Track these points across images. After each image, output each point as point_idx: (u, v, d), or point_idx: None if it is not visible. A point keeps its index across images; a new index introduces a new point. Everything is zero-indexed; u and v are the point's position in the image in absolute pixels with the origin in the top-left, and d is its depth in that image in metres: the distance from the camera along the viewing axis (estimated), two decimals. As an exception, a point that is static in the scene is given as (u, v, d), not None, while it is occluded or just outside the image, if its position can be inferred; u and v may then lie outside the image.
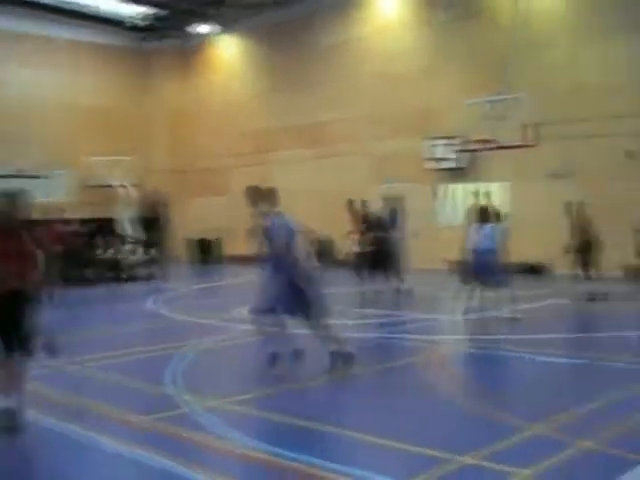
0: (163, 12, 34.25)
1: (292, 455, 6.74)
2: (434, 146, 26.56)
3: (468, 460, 6.57)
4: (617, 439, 7.09)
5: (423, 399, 9.09)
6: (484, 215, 15.12)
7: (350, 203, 20.69)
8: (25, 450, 7.44)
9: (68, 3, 33.24)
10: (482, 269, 14.45)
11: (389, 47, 29.10)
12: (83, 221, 32.43)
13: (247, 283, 25.03)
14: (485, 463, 6.48)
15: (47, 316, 8.12)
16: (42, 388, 9.67)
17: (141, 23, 35.27)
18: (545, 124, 22.09)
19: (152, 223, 32.38)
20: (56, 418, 8.20)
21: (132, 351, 12.70)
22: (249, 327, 14.23)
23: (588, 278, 17.69)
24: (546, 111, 22.81)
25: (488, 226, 14.88)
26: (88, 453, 7.18)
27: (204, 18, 34.54)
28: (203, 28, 35.45)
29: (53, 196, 31.94)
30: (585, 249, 17.65)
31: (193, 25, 35.39)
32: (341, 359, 10.45)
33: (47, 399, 9.20)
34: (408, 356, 11.45)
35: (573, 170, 23.38)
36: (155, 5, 33.64)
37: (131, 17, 34.89)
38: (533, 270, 24.25)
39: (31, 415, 8.28)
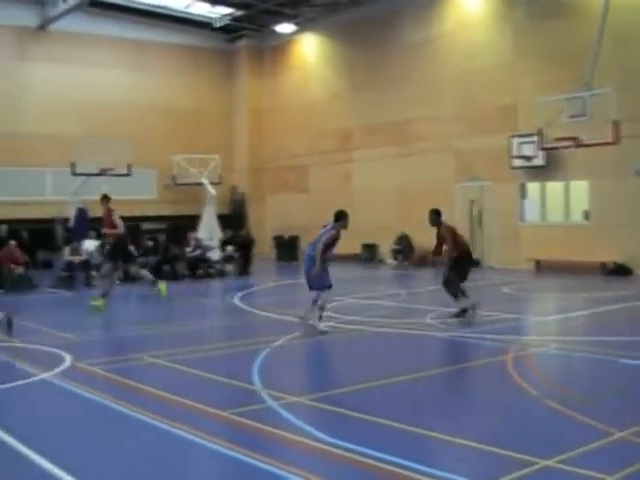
0: (244, 13, 34.63)
1: (371, 453, 6.73)
2: (520, 144, 26.17)
3: (552, 463, 6.45)
4: None
5: (506, 400, 8.99)
6: None
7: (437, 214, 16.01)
8: (111, 442, 7.55)
9: (159, 7, 34.00)
10: None
11: (471, 44, 28.81)
12: (169, 218, 33.11)
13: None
14: (569, 467, 6.36)
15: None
16: (129, 380, 9.85)
17: (225, 24, 35.67)
18: (628, 121, 21.57)
19: (234, 220, 32.64)
20: (140, 410, 8.33)
21: (215, 346, 12.85)
22: (330, 324, 14.36)
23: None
24: (629, 108, 22.27)
25: None
26: (171, 445, 7.28)
27: (284, 18, 34.75)
28: (283, 28, 35.61)
29: (141, 194, 32.68)
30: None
31: (273, 25, 35.60)
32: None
33: (134, 391, 9.35)
34: (491, 356, 11.32)
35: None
36: (236, 6, 34.01)
37: (216, 19, 35.39)
38: (618, 271, 23.75)
39: (118, 407, 8.47)
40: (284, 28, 35.64)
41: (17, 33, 31.90)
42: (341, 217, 14.09)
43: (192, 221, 31.63)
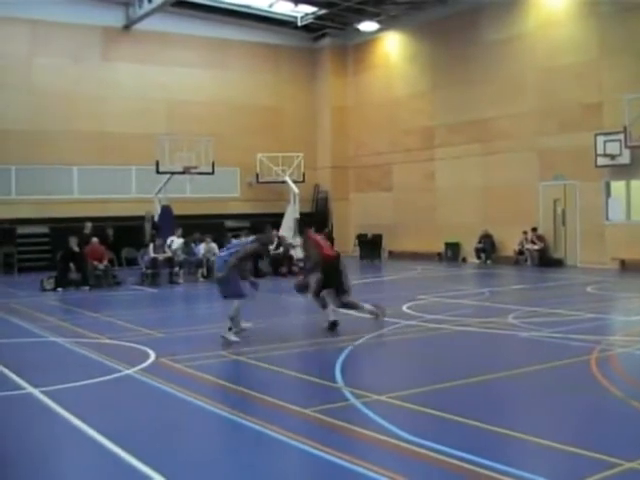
0: (327, 11, 34.60)
1: (454, 452, 6.61)
2: (605, 142, 25.60)
3: (636, 465, 6.27)
4: None
5: (590, 400, 8.76)
6: None
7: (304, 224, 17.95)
8: (192, 437, 7.53)
9: (242, 6, 34.33)
10: None
11: (554, 41, 28.20)
12: (252, 216, 33.30)
13: (410, 279, 25.02)
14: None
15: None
16: (210, 377, 9.86)
17: (308, 22, 35.75)
18: None
19: (317, 219, 32.65)
20: (223, 406, 8.31)
21: (297, 344, 12.85)
22: (412, 322, 14.22)
23: None
24: None
25: None
26: (253, 441, 7.26)
27: (367, 16, 34.61)
28: (366, 26, 35.46)
29: (225, 192, 32.95)
30: None
31: (356, 23, 35.50)
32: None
33: (217, 388, 9.34)
34: (575, 356, 11.02)
35: None
36: (319, 5, 34.03)
37: (299, 17, 35.51)
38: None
39: (200, 403, 8.48)
40: (367, 26, 35.49)
41: (103, 33, 32.47)
42: (263, 231, 14.32)
43: (275, 219, 31.74)
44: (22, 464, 6.78)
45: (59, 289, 22.16)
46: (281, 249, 26.90)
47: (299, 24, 36.00)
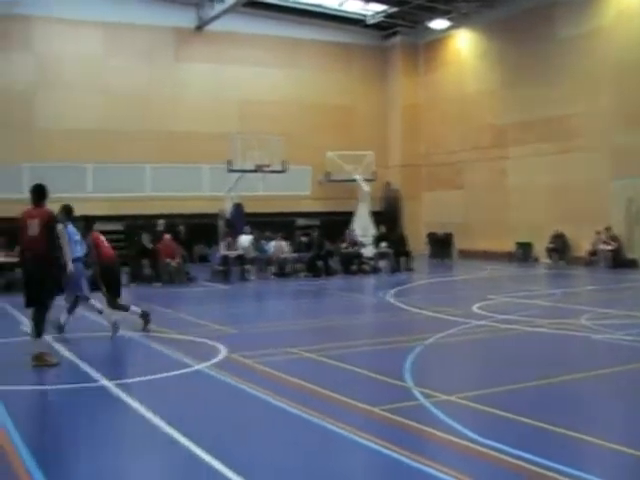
0: (398, 9, 34.52)
1: (521, 454, 6.56)
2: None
3: None
4: None
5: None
6: None
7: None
8: (260, 433, 7.60)
9: (313, 5, 34.50)
10: None
11: (631, 36, 27.58)
12: (322, 214, 33.43)
13: (480, 278, 24.83)
14: None
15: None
16: (281, 373, 9.92)
17: (379, 21, 35.71)
18: None
19: (388, 217, 32.59)
20: (292, 403, 8.36)
21: (367, 342, 12.85)
22: (483, 322, 14.12)
23: None
24: None
25: None
26: (321, 438, 7.29)
27: (438, 14, 34.47)
28: (437, 24, 35.30)
29: (295, 191, 33.08)
30: None
31: (427, 21, 35.35)
32: None
33: (286, 384, 9.40)
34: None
35: None
36: (390, 3, 33.99)
37: (370, 15, 35.49)
38: None
39: (269, 399, 8.54)
40: (438, 24, 35.32)
41: (175, 34, 32.95)
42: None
43: (345, 217, 31.78)
44: (94, 455, 6.91)
45: (132, 284, 22.51)
46: (352, 247, 26.98)
47: (369, 23, 35.97)
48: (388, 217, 34.45)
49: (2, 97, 29.56)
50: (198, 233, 29.16)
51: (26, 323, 12.53)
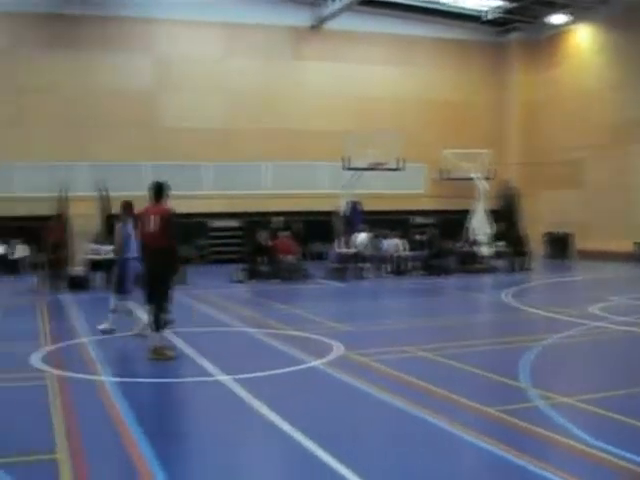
0: (516, 5, 34.09)
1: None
2: None
3: None
4: None
5: None
6: None
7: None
8: (375, 431, 7.67)
9: (428, 2, 34.46)
10: None
11: None
12: (438, 213, 33.29)
13: (600, 279, 24.30)
14: None
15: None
16: (396, 372, 9.95)
17: (496, 17, 35.28)
18: None
19: (506, 216, 32.21)
20: (407, 402, 8.39)
21: (483, 342, 12.77)
22: (601, 324, 13.85)
23: None
24: None
25: None
26: (436, 439, 7.29)
27: (557, 8, 33.81)
28: (556, 19, 34.63)
29: (412, 188, 33.03)
30: None
31: (546, 16, 34.74)
32: None
33: (400, 383, 9.43)
34: None
35: None
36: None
37: (487, 11, 35.09)
38: None
39: (384, 397, 8.60)
40: (557, 19, 34.66)
41: (291, 33, 33.41)
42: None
43: (461, 216, 31.53)
44: (213, 449, 7.09)
45: (249, 281, 22.89)
46: (469, 246, 26.81)
47: (487, 18, 35.52)
48: (505, 216, 33.98)
49: (125, 97, 30.52)
50: (313, 230, 29.43)
51: (110, 320, 12.95)
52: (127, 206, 13.18)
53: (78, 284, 20.87)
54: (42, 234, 21.73)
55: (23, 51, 29.91)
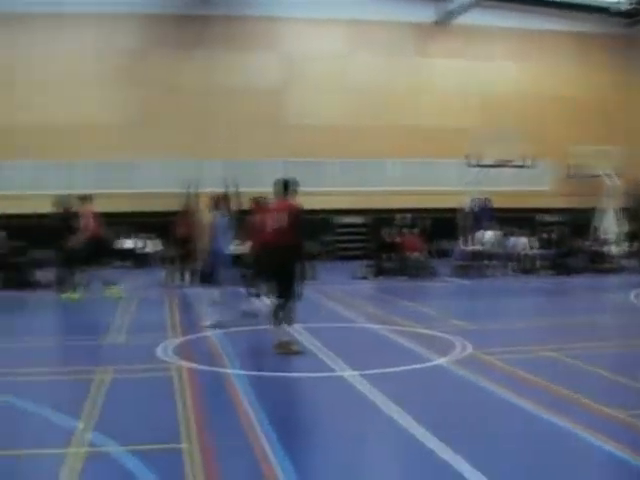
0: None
1: None
2: None
3: None
4: None
5: None
6: None
7: None
8: (501, 433, 7.58)
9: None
10: None
11: None
12: (565, 211, 32.57)
13: None
14: None
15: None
16: (524, 373, 9.80)
17: (626, 8, 34.17)
18: None
19: (636, 215, 31.34)
20: (538, 406, 8.22)
21: (610, 343, 12.46)
22: None
23: None
24: None
25: None
26: (562, 441, 7.12)
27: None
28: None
29: (537, 186, 32.45)
30: None
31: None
32: None
33: (529, 384, 9.28)
34: None
35: None
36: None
37: (618, 3, 34.05)
38: None
39: (513, 399, 8.49)
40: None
41: (414, 29, 33.37)
42: None
43: (589, 214, 30.80)
44: (337, 446, 7.11)
45: (375, 277, 22.95)
46: (599, 245, 26.22)
47: (615, 10, 34.41)
48: (636, 215, 33.01)
49: (251, 95, 31.03)
50: (438, 227, 29.27)
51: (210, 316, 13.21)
52: (219, 200, 13.50)
53: (208, 278, 21.27)
54: (170, 229, 22.26)
55: (153, 51, 30.77)
